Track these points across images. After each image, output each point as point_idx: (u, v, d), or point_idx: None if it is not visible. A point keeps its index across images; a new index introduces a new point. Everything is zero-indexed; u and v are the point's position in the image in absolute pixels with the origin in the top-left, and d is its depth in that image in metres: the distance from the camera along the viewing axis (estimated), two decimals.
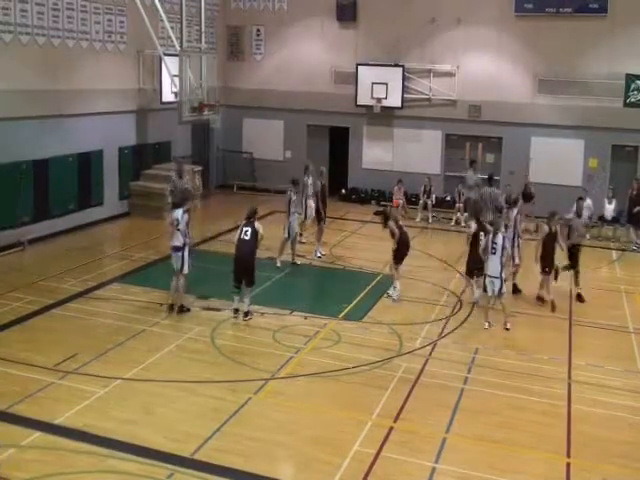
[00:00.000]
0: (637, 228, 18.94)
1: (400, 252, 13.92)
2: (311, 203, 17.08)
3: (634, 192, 19.11)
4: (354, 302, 13.83)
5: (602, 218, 20.01)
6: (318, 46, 24.09)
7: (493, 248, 12.42)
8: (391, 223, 13.81)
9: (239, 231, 12.55)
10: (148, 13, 19.06)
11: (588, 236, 19.39)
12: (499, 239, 12.44)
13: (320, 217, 16.95)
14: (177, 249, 12.65)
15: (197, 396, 9.76)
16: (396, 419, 9.30)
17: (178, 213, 12.68)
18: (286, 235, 15.87)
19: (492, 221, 13.12)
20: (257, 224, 12.52)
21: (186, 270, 12.74)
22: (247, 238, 12.34)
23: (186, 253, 12.69)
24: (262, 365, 10.78)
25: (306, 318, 12.88)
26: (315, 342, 11.81)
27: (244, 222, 12.55)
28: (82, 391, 9.73)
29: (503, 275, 12.50)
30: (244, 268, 12.40)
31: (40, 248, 16.82)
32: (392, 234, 13.81)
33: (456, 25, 22.35)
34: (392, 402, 9.73)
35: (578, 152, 21.53)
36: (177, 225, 12.58)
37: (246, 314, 12.63)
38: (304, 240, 17.73)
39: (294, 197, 16.09)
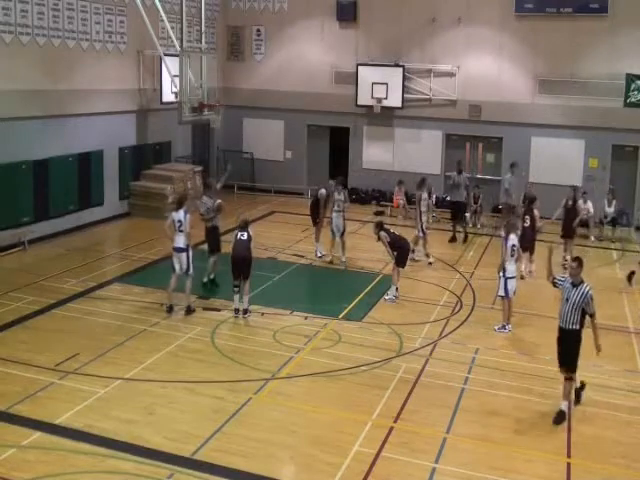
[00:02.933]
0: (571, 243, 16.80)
1: (401, 256, 13.96)
2: (424, 218, 16.71)
3: (569, 202, 16.80)
4: (354, 302, 13.84)
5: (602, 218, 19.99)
6: (318, 46, 24.10)
7: (513, 251, 12.52)
8: (383, 234, 13.86)
9: (235, 235, 12.90)
10: (148, 13, 19.10)
11: (593, 238, 19.42)
12: (516, 241, 12.61)
13: (318, 219, 16.86)
14: (181, 250, 12.74)
15: (197, 396, 9.77)
16: (396, 419, 9.30)
17: (180, 214, 12.72)
18: (332, 234, 16.33)
19: (510, 223, 13.13)
20: (251, 231, 12.91)
21: (192, 271, 12.91)
22: (243, 238, 12.76)
23: (190, 254, 12.87)
24: (262, 365, 10.78)
25: (306, 318, 12.89)
26: (315, 342, 11.82)
27: (239, 229, 12.92)
28: (82, 391, 9.73)
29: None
30: (242, 262, 12.60)
31: (41, 248, 16.82)
32: (384, 245, 13.93)
33: (456, 25, 22.36)
34: (392, 402, 9.73)
35: (579, 152, 21.54)
36: (180, 227, 12.65)
37: (245, 311, 12.74)
38: (417, 258, 16.73)
39: (338, 196, 16.35)
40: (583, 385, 9.93)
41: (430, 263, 16.53)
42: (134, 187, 20.68)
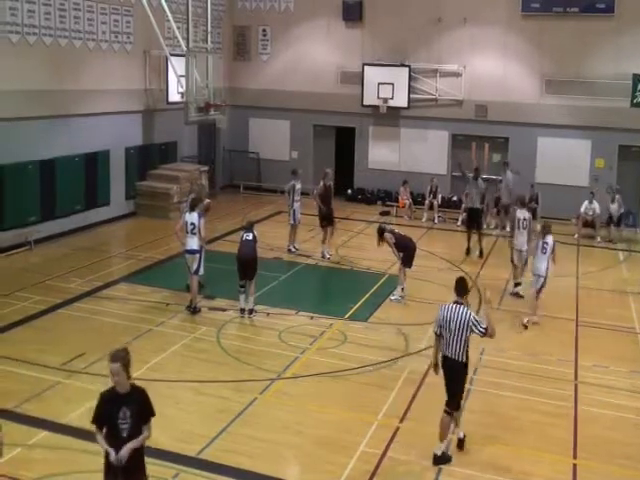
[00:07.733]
0: None
1: (407, 256, 13.94)
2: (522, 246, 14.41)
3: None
4: (360, 302, 13.83)
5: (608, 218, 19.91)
6: (324, 46, 24.09)
7: (544, 248, 12.61)
8: (387, 235, 13.85)
9: (241, 237, 13.01)
10: (155, 13, 19.10)
11: (599, 238, 19.37)
12: (550, 240, 12.65)
13: (328, 221, 16.80)
14: (194, 252, 12.85)
15: (203, 396, 9.78)
16: (402, 419, 9.30)
17: (194, 217, 12.78)
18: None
19: (545, 224, 13.23)
20: (256, 232, 13.00)
21: (202, 271, 13.04)
22: (249, 239, 12.85)
23: (203, 256, 13.04)
24: (268, 365, 10.79)
25: (312, 318, 12.89)
26: (321, 342, 11.82)
27: (244, 230, 13.07)
28: (89, 390, 9.72)
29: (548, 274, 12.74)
30: (247, 262, 12.67)
31: (47, 248, 16.86)
32: (390, 246, 13.91)
33: (462, 25, 22.31)
34: (398, 402, 9.73)
35: (585, 152, 21.48)
36: (193, 229, 12.74)
37: (251, 311, 12.80)
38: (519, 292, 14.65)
39: (298, 186, 17.21)
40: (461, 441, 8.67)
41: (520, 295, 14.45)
42: (140, 187, 20.72)
